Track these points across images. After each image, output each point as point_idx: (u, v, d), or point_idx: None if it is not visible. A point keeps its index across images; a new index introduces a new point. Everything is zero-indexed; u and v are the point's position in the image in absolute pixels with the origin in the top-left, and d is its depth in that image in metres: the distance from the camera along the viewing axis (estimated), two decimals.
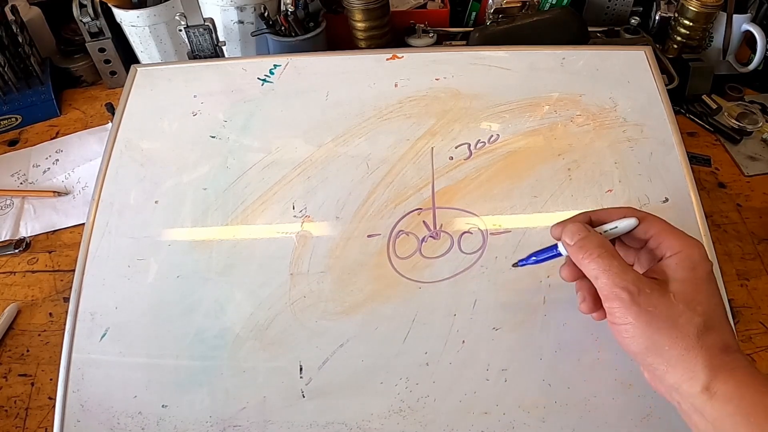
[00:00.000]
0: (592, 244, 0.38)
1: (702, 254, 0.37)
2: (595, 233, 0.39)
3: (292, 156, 0.59)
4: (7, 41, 0.83)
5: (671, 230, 0.39)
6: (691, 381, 0.35)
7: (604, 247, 0.38)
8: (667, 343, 0.35)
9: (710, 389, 0.34)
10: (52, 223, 0.73)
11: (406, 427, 0.48)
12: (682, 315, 0.35)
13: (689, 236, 0.38)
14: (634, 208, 0.41)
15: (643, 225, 0.39)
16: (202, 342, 0.51)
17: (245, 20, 0.83)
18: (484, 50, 0.66)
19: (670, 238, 0.38)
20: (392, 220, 0.55)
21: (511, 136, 0.59)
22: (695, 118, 0.81)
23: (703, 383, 0.34)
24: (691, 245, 0.37)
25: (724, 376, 0.34)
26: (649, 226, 0.39)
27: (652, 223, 0.39)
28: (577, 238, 0.39)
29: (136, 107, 0.64)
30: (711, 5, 0.78)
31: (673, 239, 0.38)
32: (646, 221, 0.40)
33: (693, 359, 0.34)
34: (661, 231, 0.39)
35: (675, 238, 0.38)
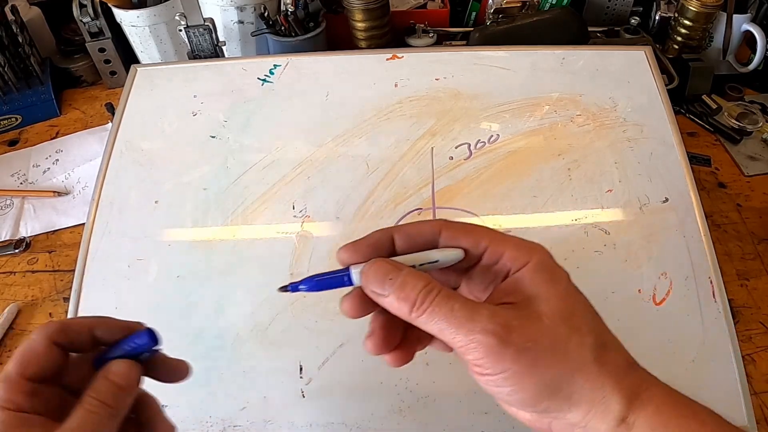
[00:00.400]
0: (414, 290, 0.27)
1: (551, 259, 0.30)
2: (410, 272, 0.28)
3: (292, 156, 0.59)
4: (7, 41, 0.83)
5: (506, 238, 0.30)
6: (602, 415, 0.27)
7: (431, 290, 0.27)
8: (563, 378, 0.27)
9: (627, 421, 0.27)
10: (52, 223, 0.72)
11: (406, 427, 0.48)
12: (570, 339, 0.27)
13: (529, 241, 0.30)
14: (445, 221, 0.30)
15: (471, 239, 0.30)
16: (202, 342, 0.51)
17: (245, 20, 0.83)
18: (484, 50, 0.66)
19: (509, 248, 0.29)
20: (392, 220, 0.55)
21: (511, 136, 0.59)
22: (695, 118, 0.81)
23: (617, 415, 0.27)
24: (537, 250, 0.29)
25: (640, 403, 0.27)
26: (478, 239, 0.30)
27: (479, 235, 0.30)
28: (390, 288, 0.27)
29: (136, 107, 0.64)
30: (711, 5, 0.78)
31: (514, 249, 0.29)
32: (474, 234, 0.30)
33: (599, 389, 0.27)
34: (494, 241, 0.29)
35: (515, 247, 0.29)
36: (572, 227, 0.54)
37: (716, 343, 0.50)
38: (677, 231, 0.54)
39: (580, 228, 0.54)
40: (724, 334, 0.50)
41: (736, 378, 0.48)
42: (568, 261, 0.53)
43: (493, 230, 0.30)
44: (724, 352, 0.49)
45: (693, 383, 0.48)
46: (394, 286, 0.27)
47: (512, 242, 0.29)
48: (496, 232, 0.30)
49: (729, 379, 0.48)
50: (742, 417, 0.47)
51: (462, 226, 0.30)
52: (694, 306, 0.51)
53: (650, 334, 0.50)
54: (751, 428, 0.47)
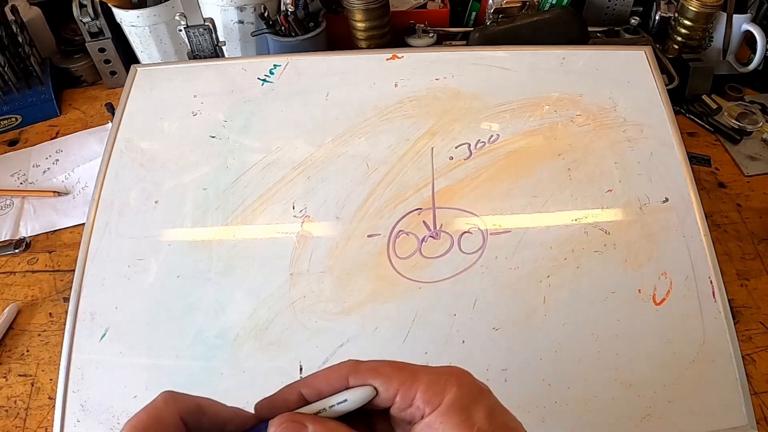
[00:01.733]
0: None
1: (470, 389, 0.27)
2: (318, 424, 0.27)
3: (292, 156, 0.59)
4: (7, 41, 0.83)
5: (417, 376, 0.27)
6: None
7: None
8: None
9: None
10: (52, 223, 0.72)
11: None
12: None
13: (445, 371, 0.27)
14: (354, 363, 0.28)
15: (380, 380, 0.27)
16: (202, 342, 0.51)
17: (245, 20, 0.83)
18: (484, 50, 0.66)
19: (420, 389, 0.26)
20: (392, 220, 0.55)
21: (511, 136, 0.59)
22: (695, 118, 0.81)
23: None
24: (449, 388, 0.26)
25: None
26: (387, 380, 0.27)
27: (389, 376, 0.27)
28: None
29: (136, 107, 0.64)
30: (711, 5, 0.78)
31: (425, 390, 0.26)
32: (383, 375, 0.27)
33: None
34: (403, 380, 0.27)
35: (426, 387, 0.27)
36: (572, 227, 0.54)
37: (716, 343, 0.50)
38: (677, 231, 0.54)
39: (580, 228, 0.54)
40: (724, 334, 0.50)
41: (736, 378, 0.48)
42: (568, 261, 0.53)
43: (404, 367, 0.27)
44: (724, 352, 0.49)
45: (693, 383, 0.48)
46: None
47: (423, 381, 0.27)
48: (407, 369, 0.27)
49: (729, 379, 0.48)
50: (742, 417, 0.47)
51: (370, 367, 0.28)
52: (694, 306, 0.51)
53: (650, 334, 0.50)
54: (751, 428, 0.47)
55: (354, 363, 0.28)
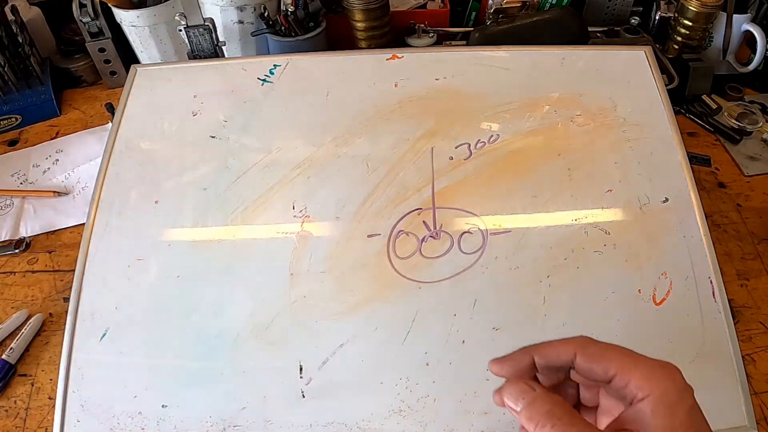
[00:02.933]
0: (539, 412, 0.30)
1: (679, 386, 0.30)
2: (542, 393, 0.31)
3: (292, 156, 0.59)
4: (7, 41, 0.83)
5: (635, 364, 0.31)
6: None
7: (554, 415, 0.30)
8: None
9: None
10: (52, 223, 0.72)
11: (406, 427, 0.48)
12: None
13: (660, 364, 0.31)
14: (583, 342, 0.33)
15: (601, 365, 0.31)
16: (202, 342, 0.51)
17: (245, 20, 0.83)
18: (484, 50, 0.66)
19: (636, 374, 0.30)
20: (392, 220, 0.55)
21: (511, 136, 0.59)
22: (695, 118, 0.81)
23: None
24: (664, 378, 0.30)
25: None
26: (608, 362, 0.31)
27: (610, 361, 0.31)
28: (522, 404, 0.31)
29: (136, 107, 0.64)
30: (711, 5, 0.78)
31: (641, 377, 0.30)
32: (605, 360, 0.31)
33: None
34: (623, 366, 0.31)
35: (642, 374, 0.30)
36: (572, 227, 0.54)
37: (716, 343, 0.50)
38: (677, 231, 0.54)
39: (580, 228, 0.54)
40: (724, 334, 0.50)
41: (736, 378, 0.48)
42: (568, 261, 0.53)
43: (627, 354, 0.31)
44: (724, 352, 0.49)
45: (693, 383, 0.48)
46: (524, 405, 0.31)
47: (640, 370, 0.30)
48: (629, 356, 0.31)
49: (729, 379, 0.48)
50: (742, 417, 0.47)
51: (598, 350, 0.32)
52: (694, 306, 0.51)
53: (650, 334, 0.50)
54: (751, 428, 0.47)
55: (584, 341, 0.33)
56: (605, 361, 0.31)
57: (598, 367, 0.31)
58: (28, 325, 0.61)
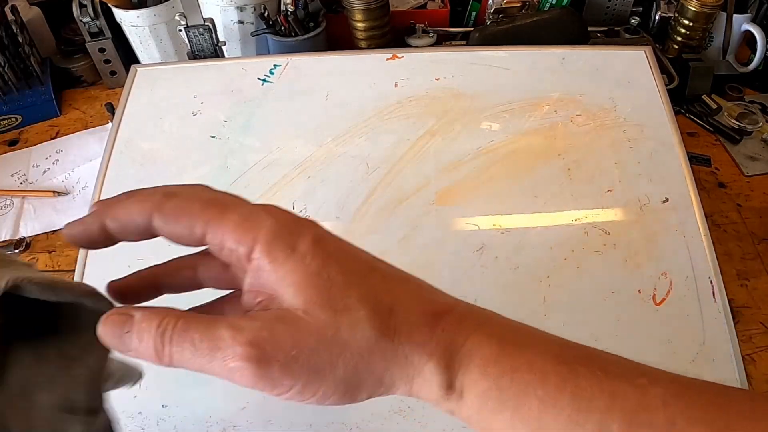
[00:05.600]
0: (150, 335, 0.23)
1: (286, 219, 0.23)
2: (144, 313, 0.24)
3: (292, 156, 0.59)
4: (7, 41, 0.83)
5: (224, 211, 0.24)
6: (426, 388, 0.23)
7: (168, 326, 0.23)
8: (357, 369, 0.22)
9: (454, 387, 0.23)
10: (52, 223, 0.72)
11: (406, 427, 0.48)
12: (339, 324, 0.22)
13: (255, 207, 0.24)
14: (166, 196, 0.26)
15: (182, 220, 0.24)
16: None
17: (245, 20, 0.83)
18: (484, 50, 0.66)
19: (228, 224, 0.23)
20: (392, 220, 0.55)
21: (511, 136, 0.59)
22: (695, 118, 0.81)
23: (440, 384, 0.23)
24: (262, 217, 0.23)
25: (460, 360, 0.22)
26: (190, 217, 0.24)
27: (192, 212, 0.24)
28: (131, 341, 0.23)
29: (136, 107, 0.64)
30: (711, 5, 0.78)
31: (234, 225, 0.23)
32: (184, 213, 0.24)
33: (405, 363, 0.22)
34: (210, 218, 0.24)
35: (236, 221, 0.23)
36: (572, 227, 0.54)
37: (716, 343, 0.50)
38: (677, 231, 0.54)
39: (580, 228, 0.54)
40: (724, 334, 0.50)
41: (736, 378, 0.48)
42: (568, 261, 0.53)
43: (214, 206, 0.24)
44: (724, 352, 0.49)
45: None
46: (132, 339, 0.23)
47: (232, 221, 0.23)
48: (217, 207, 0.24)
49: (729, 379, 0.48)
50: None
51: (176, 206, 0.24)
52: (694, 306, 0.51)
53: (650, 334, 0.50)
54: None
55: (161, 198, 0.25)
56: (186, 217, 0.24)
57: (179, 227, 0.24)
58: None
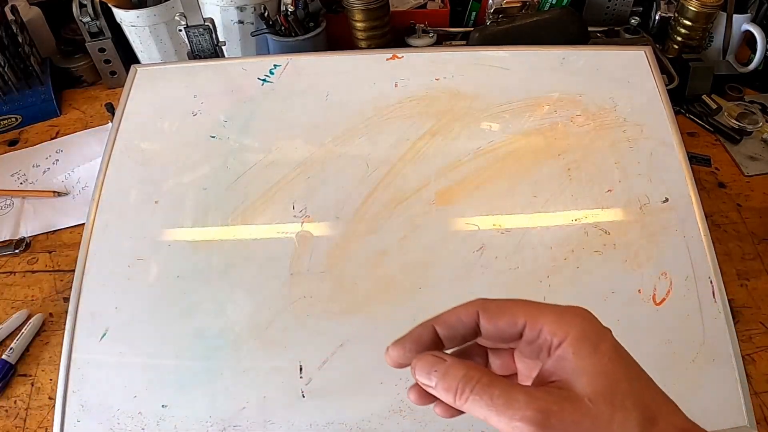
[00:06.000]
0: (455, 379, 0.28)
1: (595, 325, 0.29)
2: (454, 361, 0.29)
3: (292, 156, 0.59)
4: (7, 41, 0.83)
5: (543, 311, 0.29)
6: None
7: (473, 378, 0.28)
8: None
9: None
10: (52, 223, 0.72)
11: (406, 427, 0.48)
12: (613, 419, 0.26)
13: (569, 307, 0.29)
14: (482, 302, 0.31)
15: (507, 318, 0.29)
16: (202, 342, 0.51)
17: (245, 20, 0.83)
18: (484, 50, 0.66)
19: (546, 319, 0.28)
20: (392, 220, 0.55)
21: (511, 136, 0.59)
22: (695, 118, 0.81)
23: None
24: (576, 321, 0.28)
25: None
26: (514, 317, 0.29)
27: (516, 312, 0.29)
28: (435, 377, 0.29)
29: (136, 107, 0.64)
30: (711, 5, 0.78)
31: (551, 323, 0.28)
32: (510, 312, 0.30)
33: None
34: (531, 314, 0.29)
35: (552, 320, 0.28)
36: (572, 227, 0.54)
37: (716, 343, 0.50)
38: (677, 231, 0.54)
39: (580, 228, 0.54)
40: (724, 334, 0.50)
41: (736, 378, 0.48)
42: (568, 261, 0.53)
43: (531, 303, 0.30)
44: (724, 352, 0.49)
45: (693, 383, 0.48)
46: (438, 378, 0.28)
47: (550, 315, 0.29)
48: (533, 305, 0.29)
49: (729, 379, 0.48)
50: (742, 417, 0.47)
51: (498, 305, 0.30)
52: (694, 306, 0.51)
53: (650, 334, 0.50)
54: (751, 428, 0.47)
55: (482, 301, 0.30)
56: (509, 315, 0.29)
57: (504, 322, 0.29)
58: (28, 325, 0.61)
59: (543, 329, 0.28)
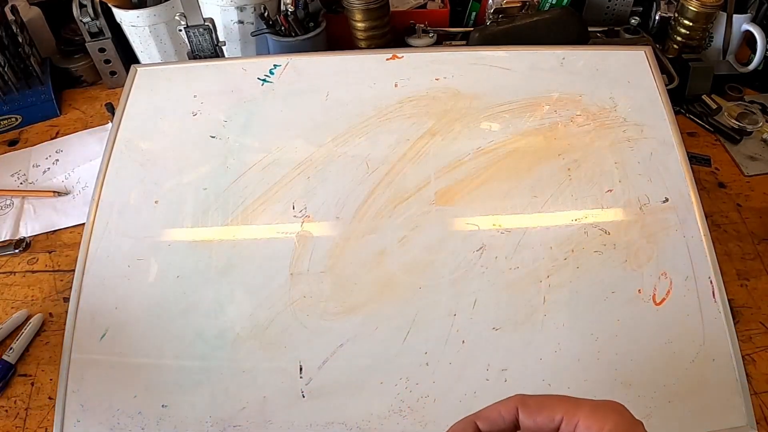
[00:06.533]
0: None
1: (627, 419, 0.30)
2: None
3: (292, 156, 0.59)
4: (7, 41, 0.83)
5: (579, 406, 0.31)
6: None
7: None
8: None
9: None
10: (52, 223, 0.72)
11: (406, 427, 0.48)
12: None
13: (604, 401, 0.31)
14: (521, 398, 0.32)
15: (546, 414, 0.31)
16: (202, 342, 0.51)
17: (245, 20, 0.83)
18: (484, 50, 0.66)
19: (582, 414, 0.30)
20: (392, 220, 0.55)
21: (511, 136, 0.59)
22: (695, 118, 0.80)
23: None
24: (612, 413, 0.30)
25: None
26: (552, 413, 0.31)
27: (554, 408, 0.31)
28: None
29: (136, 107, 0.64)
30: (711, 5, 0.78)
31: (587, 415, 0.30)
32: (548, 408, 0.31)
33: None
34: (568, 409, 0.30)
35: (588, 415, 0.30)
36: (572, 227, 0.54)
37: (716, 343, 0.50)
38: (677, 231, 0.54)
39: (580, 228, 0.54)
40: (724, 334, 0.50)
41: (736, 378, 0.49)
42: (568, 261, 0.53)
43: (568, 399, 0.31)
44: (724, 352, 0.49)
45: (693, 383, 0.48)
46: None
47: (586, 409, 0.30)
48: (570, 400, 0.31)
49: (729, 379, 0.49)
50: (742, 417, 0.47)
51: (537, 401, 0.31)
52: (694, 306, 0.51)
53: (650, 334, 0.50)
54: (751, 428, 0.47)
55: (521, 397, 0.32)
56: (548, 410, 0.31)
57: (542, 417, 0.31)
58: (28, 325, 0.61)
59: (579, 423, 0.30)
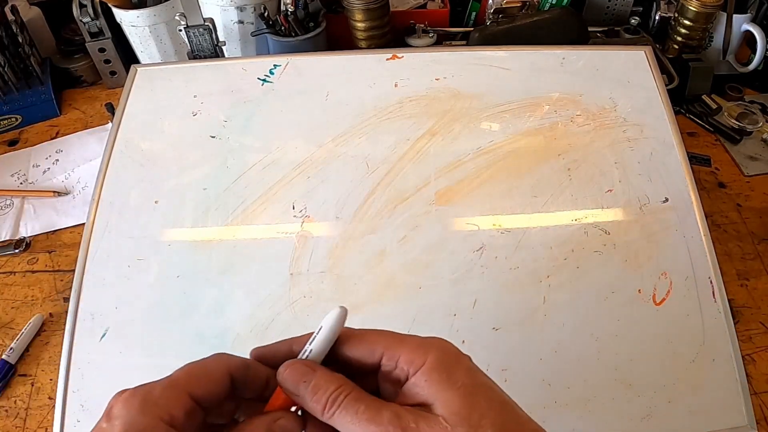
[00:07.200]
0: (325, 393, 0.28)
1: (451, 352, 0.29)
2: (324, 373, 0.29)
3: (292, 156, 0.59)
4: (7, 41, 0.83)
5: (401, 341, 0.30)
6: None
7: (341, 393, 0.28)
8: None
9: None
10: (52, 223, 0.72)
11: None
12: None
13: (428, 338, 0.30)
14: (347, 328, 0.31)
15: (365, 347, 0.30)
16: (202, 342, 0.51)
17: (245, 20, 0.83)
18: (484, 50, 0.66)
19: (404, 351, 0.29)
20: (392, 220, 0.55)
21: (511, 136, 0.59)
22: (695, 118, 0.81)
23: None
24: (432, 350, 0.29)
25: None
26: (372, 346, 0.30)
27: (374, 342, 0.30)
28: (304, 390, 0.28)
29: (136, 107, 0.64)
30: (711, 5, 0.78)
31: (408, 352, 0.29)
32: (368, 341, 0.30)
33: None
34: (389, 344, 0.29)
35: (410, 349, 0.29)
36: (572, 227, 0.54)
37: (716, 343, 0.50)
38: (677, 231, 0.54)
39: (580, 228, 0.54)
40: (724, 334, 0.50)
41: (736, 378, 0.48)
42: (568, 261, 0.53)
43: (389, 334, 0.30)
44: (724, 352, 0.49)
45: (693, 383, 0.48)
46: (307, 389, 0.28)
47: (407, 345, 0.29)
48: (392, 335, 0.30)
49: (729, 379, 0.49)
50: (742, 417, 0.47)
51: (357, 334, 0.30)
52: (694, 306, 0.51)
53: (650, 334, 0.50)
54: (751, 428, 0.47)
55: (347, 329, 0.31)
56: (368, 343, 0.30)
57: (361, 350, 0.30)
58: (28, 325, 0.61)
59: (400, 358, 0.29)
